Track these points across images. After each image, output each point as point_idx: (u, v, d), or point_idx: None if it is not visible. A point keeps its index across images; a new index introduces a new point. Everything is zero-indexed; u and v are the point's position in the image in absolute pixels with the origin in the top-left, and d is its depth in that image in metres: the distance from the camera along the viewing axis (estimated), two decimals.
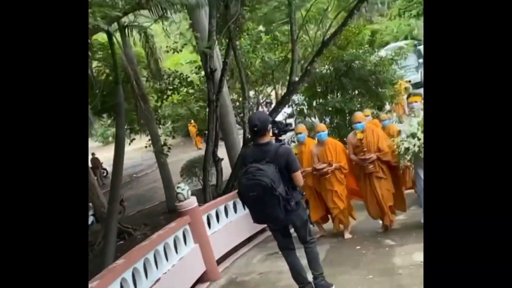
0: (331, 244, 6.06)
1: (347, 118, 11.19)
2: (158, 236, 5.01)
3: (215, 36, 8.64)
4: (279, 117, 15.99)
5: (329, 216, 6.57)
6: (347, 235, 6.26)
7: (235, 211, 6.84)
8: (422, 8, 26.71)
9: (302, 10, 10.77)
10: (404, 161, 5.58)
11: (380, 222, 6.22)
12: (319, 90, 12.72)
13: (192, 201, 5.73)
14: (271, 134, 4.28)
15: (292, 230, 4.30)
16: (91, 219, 13.81)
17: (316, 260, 4.23)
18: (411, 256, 4.85)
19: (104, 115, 18.73)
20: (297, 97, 14.29)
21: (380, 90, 11.94)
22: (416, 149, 5.40)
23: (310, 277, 4.24)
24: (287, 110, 14.27)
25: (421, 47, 29.84)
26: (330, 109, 11.88)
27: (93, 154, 21.79)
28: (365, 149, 5.92)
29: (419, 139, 5.41)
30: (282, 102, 9.46)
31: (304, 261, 4.26)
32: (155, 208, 16.48)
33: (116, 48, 10.75)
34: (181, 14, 12.02)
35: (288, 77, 9.97)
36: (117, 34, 11.46)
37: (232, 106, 12.24)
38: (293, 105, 13.78)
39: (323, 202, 6.43)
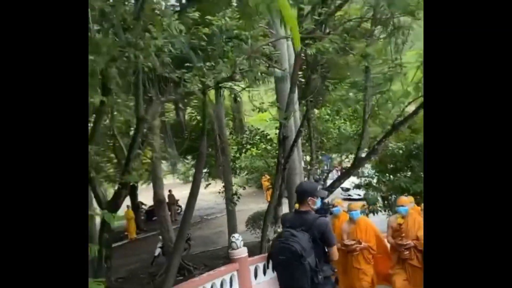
0: None
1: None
2: (208, 276, 5.78)
3: (293, 108, 9.60)
4: (346, 185, 16.42)
5: None
6: None
7: None
8: None
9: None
10: None
11: None
12: (389, 166, 13.16)
13: (243, 251, 6.37)
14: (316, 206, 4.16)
15: None
16: (158, 251, 14.85)
17: None
18: None
19: (189, 157, 20.38)
20: (367, 170, 14.80)
21: None
22: None
23: None
24: (355, 180, 14.77)
25: None
26: (395, 186, 12.21)
27: (170, 191, 23.44)
28: (403, 234, 5.96)
29: None
30: (346, 174, 10.07)
31: None
32: (217, 252, 17.23)
33: (209, 101, 12.16)
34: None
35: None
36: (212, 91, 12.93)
37: (302, 168, 13.00)
38: (362, 177, 14.26)
39: (348, 281, 6.43)
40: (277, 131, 16.36)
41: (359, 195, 16.68)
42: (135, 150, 6.79)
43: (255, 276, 6.79)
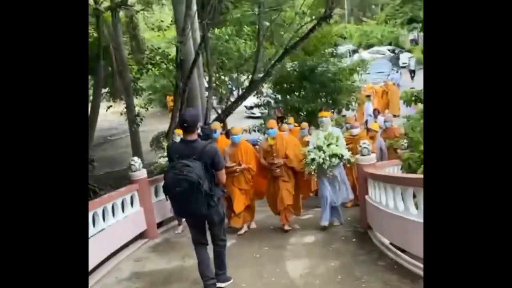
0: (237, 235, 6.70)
1: (302, 117, 12.47)
2: (108, 196, 6.18)
3: (188, 31, 9.71)
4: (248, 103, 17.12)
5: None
6: (253, 225, 6.98)
7: None
8: (407, 18, 28.03)
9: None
10: (308, 169, 6.22)
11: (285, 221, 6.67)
12: (284, 86, 13.97)
13: (142, 173, 6.88)
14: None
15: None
16: None
17: (223, 261, 4.51)
18: (302, 238, 6.12)
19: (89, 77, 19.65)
20: (265, 90, 15.55)
21: (337, 96, 13.21)
22: (321, 160, 6.11)
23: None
24: (255, 100, 15.51)
25: (402, 55, 31.27)
26: (290, 106, 13.12)
27: None
28: (274, 154, 6.45)
29: (324, 152, 6.14)
30: (242, 97, 10.66)
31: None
32: (122, 172, 17.31)
33: (104, 21, 11.75)
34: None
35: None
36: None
37: (203, 90, 13.34)
38: (262, 97, 15.03)
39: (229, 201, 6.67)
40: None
41: (261, 113, 17.49)
42: None
43: (155, 194, 7.32)
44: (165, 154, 6.57)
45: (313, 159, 6.15)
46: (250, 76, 16.10)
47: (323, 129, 6.45)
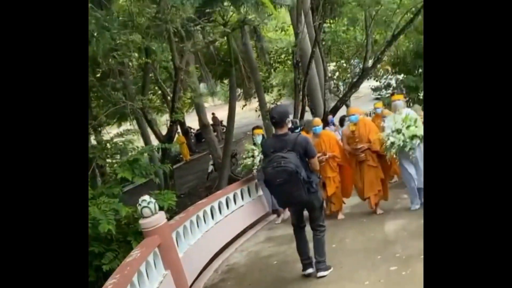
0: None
1: (418, 95, 12.93)
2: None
3: (301, 35, 11.05)
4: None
5: None
6: (340, 216, 6.88)
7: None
8: None
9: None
10: (389, 153, 6.16)
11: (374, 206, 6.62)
12: (401, 67, 14.50)
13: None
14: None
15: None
16: (210, 167, 17.22)
17: (323, 247, 4.62)
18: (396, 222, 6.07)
19: (225, 81, 22.28)
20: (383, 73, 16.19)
21: None
22: (401, 143, 6.01)
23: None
24: (374, 83, 16.25)
25: None
26: (407, 85, 13.64)
27: (213, 113, 25.67)
28: (357, 139, 6.50)
29: (403, 135, 6.02)
30: (354, 85, 11.66)
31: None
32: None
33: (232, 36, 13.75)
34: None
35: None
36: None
37: (323, 82, 14.58)
38: (380, 80, 15.72)
39: None
40: None
41: (388, 93, 17.98)
42: (177, 94, 8.75)
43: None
44: (250, 154, 7.45)
45: (392, 143, 6.11)
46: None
47: (399, 112, 6.35)
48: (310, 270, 4.69)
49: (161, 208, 5.31)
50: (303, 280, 4.79)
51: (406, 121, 6.17)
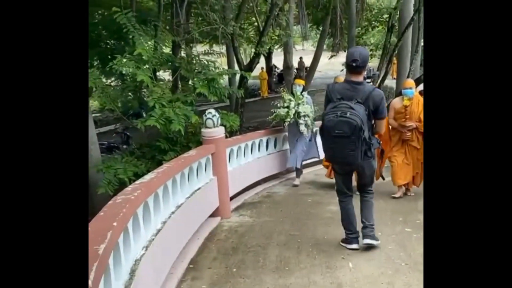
0: None
1: None
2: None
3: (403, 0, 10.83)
4: None
5: None
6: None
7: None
8: None
9: None
10: None
11: (399, 188, 6.16)
12: None
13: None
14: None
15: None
16: None
17: (371, 211, 4.21)
18: None
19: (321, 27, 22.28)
20: None
21: None
22: None
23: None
24: None
25: None
26: None
27: (300, 58, 25.79)
28: (407, 116, 5.90)
29: None
30: None
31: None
32: None
33: None
34: None
35: None
36: None
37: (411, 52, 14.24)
38: None
39: None
40: None
41: None
42: (267, 28, 9.15)
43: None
44: (285, 104, 6.80)
45: None
46: None
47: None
48: (355, 246, 4.26)
49: (223, 126, 5.94)
50: (325, 220, 5.33)
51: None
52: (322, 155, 6.63)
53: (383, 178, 6.20)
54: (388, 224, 4.99)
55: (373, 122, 3.92)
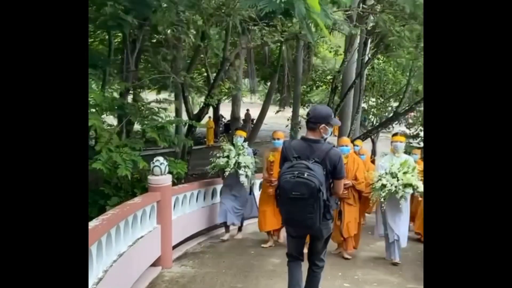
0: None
1: None
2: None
3: (346, 64, 11.61)
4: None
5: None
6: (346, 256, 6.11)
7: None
8: None
9: None
10: (376, 195, 5.62)
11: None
12: None
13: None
14: (327, 135, 3.75)
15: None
16: None
17: (317, 285, 3.94)
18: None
19: (268, 83, 23.07)
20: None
21: None
22: (393, 188, 5.48)
23: None
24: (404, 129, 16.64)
25: None
26: None
27: (247, 110, 26.36)
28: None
29: (398, 180, 5.53)
30: (382, 124, 12.12)
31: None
32: None
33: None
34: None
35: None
36: None
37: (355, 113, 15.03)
38: (410, 128, 16.11)
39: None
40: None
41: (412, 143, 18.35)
42: (218, 81, 9.45)
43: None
44: (225, 154, 6.60)
45: (384, 185, 5.58)
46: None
47: (398, 155, 5.91)
48: None
49: (170, 173, 5.96)
50: (268, 272, 5.37)
51: (404, 166, 5.69)
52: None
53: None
54: (328, 279, 5.12)
55: (330, 182, 3.72)
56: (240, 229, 7.19)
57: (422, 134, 15.85)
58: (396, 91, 16.06)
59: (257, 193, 7.40)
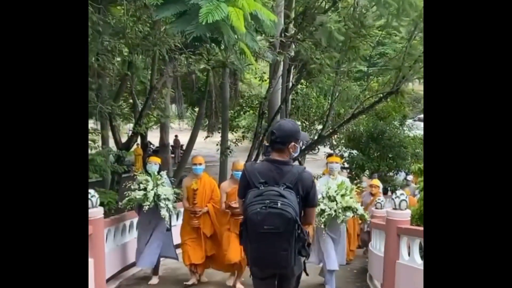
0: None
1: (364, 174, 14.14)
2: None
3: (272, 90, 12.11)
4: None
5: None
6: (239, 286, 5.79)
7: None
8: None
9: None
10: (319, 222, 5.36)
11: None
12: (355, 144, 15.79)
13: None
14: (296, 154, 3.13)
15: None
16: None
17: None
18: None
19: (196, 108, 23.18)
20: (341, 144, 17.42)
21: (402, 162, 14.66)
22: (333, 212, 5.23)
23: None
24: (328, 150, 17.45)
25: None
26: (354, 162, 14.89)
27: (176, 136, 26.25)
28: (196, 202, 5.84)
29: (337, 203, 5.30)
30: (309, 147, 12.67)
31: None
32: None
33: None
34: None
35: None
36: None
37: None
38: (334, 149, 16.93)
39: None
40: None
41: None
42: (146, 110, 9.46)
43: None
44: (142, 187, 5.84)
45: (323, 210, 5.31)
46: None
47: (333, 177, 5.72)
48: None
49: (101, 204, 5.83)
50: None
51: (341, 188, 5.45)
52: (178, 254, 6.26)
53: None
54: None
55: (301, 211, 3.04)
56: (156, 271, 6.37)
57: (345, 154, 16.80)
58: (320, 115, 16.85)
59: (178, 222, 7.21)
